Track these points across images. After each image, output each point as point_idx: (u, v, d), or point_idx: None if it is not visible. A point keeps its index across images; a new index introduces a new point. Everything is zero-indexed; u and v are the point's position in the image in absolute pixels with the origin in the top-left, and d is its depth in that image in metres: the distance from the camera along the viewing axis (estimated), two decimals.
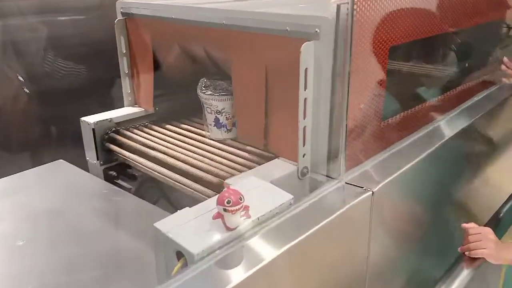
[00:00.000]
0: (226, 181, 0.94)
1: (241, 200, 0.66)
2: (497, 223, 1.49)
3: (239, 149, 1.15)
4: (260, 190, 0.78)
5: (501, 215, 1.46)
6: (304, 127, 0.97)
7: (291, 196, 0.76)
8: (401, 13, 0.94)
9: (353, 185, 0.86)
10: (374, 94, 0.97)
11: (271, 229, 0.71)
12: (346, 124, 0.87)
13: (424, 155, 1.03)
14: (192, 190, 1.05)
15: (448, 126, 1.18)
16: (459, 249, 1.20)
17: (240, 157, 1.11)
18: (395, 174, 0.92)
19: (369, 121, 0.98)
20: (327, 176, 0.92)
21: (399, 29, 0.96)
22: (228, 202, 0.65)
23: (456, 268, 1.20)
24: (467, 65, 1.47)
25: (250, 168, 1.05)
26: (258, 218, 0.71)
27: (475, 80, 1.43)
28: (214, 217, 0.68)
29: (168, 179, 1.12)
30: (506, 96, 1.42)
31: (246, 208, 0.69)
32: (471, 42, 1.53)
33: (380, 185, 0.86)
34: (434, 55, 1.30)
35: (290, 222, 0.73)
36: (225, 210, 0.65)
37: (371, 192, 0.83)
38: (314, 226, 0.71)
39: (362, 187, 0.84)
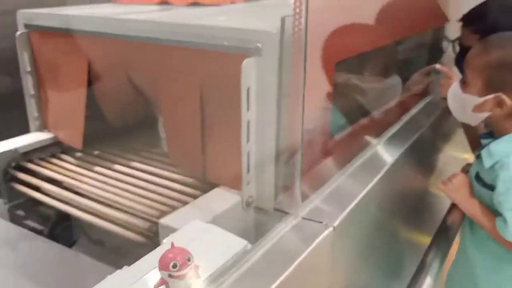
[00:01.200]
0: (161, 221, 0.81)
1: (189, 261, 0.53)
2: (446, 231, 1.49)
3: (171, 180, 1.02)
4: (208, 237, 0.65)
5: (448, 223, 1.47)
6: (248, 152, 0.86)
7: (245, 242, 0.65)
8: (347, 27, 0.87)
9: (311, 220, 0.77)
10: (323, 113, 0.89)
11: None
12: (302, 150, 0.78)
13: (380, 175, 0.97)
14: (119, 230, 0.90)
15: (396, 140, 1.14)
16: (439, 187, 1.23)
17: (172, 190, 0.97)
18: (354, 203, 0.84)
19: (319, 143, 0.90)
20: (278, 210, 0.82)
21: (346, 43, 0.90)
22: (174, 266, 0.51)
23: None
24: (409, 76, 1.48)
25: (186, 201, 0.92)
26: (210, 276, 0.58)
27: (417, 91, 1.43)
28: (157, 286, 0.54)
29: (85, 217, 0.95)
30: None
31: (196, 267, 0.55)
32: (414, 54, 1.53)
33: (340, 218, 0.77)
34: (377, 69, 1.27)
35: (247, 276, 0.61)
36: (170, 276, 0.52)
37: (332, 228, 0.74)
38: (276, 279, 0.60)
39: (322, 222, 0.75)
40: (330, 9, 0.86)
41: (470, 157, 1.35)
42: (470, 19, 1.40)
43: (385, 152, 1.09)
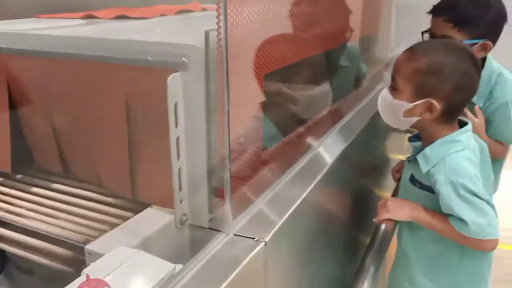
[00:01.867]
0: (87, 247, 0.76)
1: None
2: (381, 234, 1.51)
3: (101, 202, 0.97)
4: (132, 263, 0.62)
5: (381, 227, 1.50)
6: (180, 169, 0.84)
7: (173, 266, 0.62)
8: (275, 39, 0.87)
9: (243, 236, 0.75)
10: (253, 125, 0.88)
11: None
12: (230, 166, 0.76)
13: (314, 183, 0.97)
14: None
15: (329, 149, 1.15)
16: (374, 220, 1.25)
17: (102, 212, 0.93)
18: (287, 215, 0.83)
19: (251, 156, 0.89)
20: (210, 228, 0.79)
21: (274, 55, 0.90)
22: None
23: None
24: (338, 84, 1.50)
25: (117, 224, 0.88)
26: None
27: (347, 97, 1.46)
28: None
29: (7, 248, 0.89)
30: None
31: None
32: (339, 62, 1.56)
33: (272, 232, 0.76)
34: (306, 78, 1.28)
35: None
36: None
37: (263, 243, 0.73)
38: None
39: (254, 238, 0.74)
40: (257, 22, 0.85)
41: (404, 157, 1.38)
42: (441, 9, 1.45)
43: (319, 159, 1.09)
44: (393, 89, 1.21)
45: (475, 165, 1.17)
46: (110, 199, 0.97)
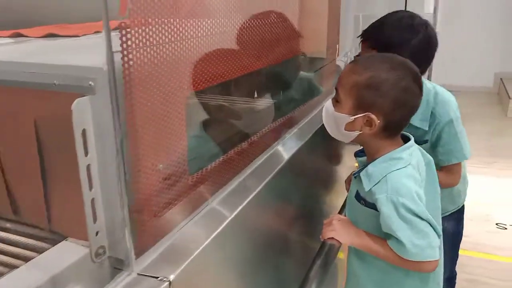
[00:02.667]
0: None
1: None
2: (326, 250, 1.48)
3: (13, 233, 0.90)
4: None
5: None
6: (93, 200, 0.78)
7: None
8: (203, 57, 0.83)
9: (147, 275, 0.70)
10: (174, 148, 0.84)
11: None
12: (127, 199, 0.71)
13: (244, 203, 0.92)
14: None
15: (269, 164, 1.11)
16: (320, 237, 1.22)
17: (13, 245, 0.87)
18: (200, 248, 0.78)
19: (172, 183, 0.84)
20: (116, 268, 0.74)
21: (198, 74, 0.86)
22: None
23: None
24: (283, 98, 1.47)
25: (30, 257, 0.82)
26: None
27: (294, 111, 1.42)
28: None
29: None
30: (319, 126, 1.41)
31: None
32: (284, 76, 1.53)
33: (181, 268, 0.71)
34: (248, 93, 1.24)
35: None
36: None
37: (168, 283, 0.68)
38: None
39: (158, 277, 0.69)
40: (174, 42, 0.81)
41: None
42: (368, 35, 1.45)
43: (256, 176, 1.05)
44: (336, 101, 1.19)
45: (418, 183, 1.16)
46: (27, 230, 0.91)
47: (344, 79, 1.17)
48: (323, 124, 1.24)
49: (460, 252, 3.24)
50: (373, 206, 1.16)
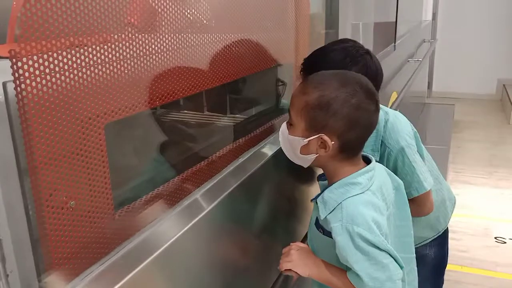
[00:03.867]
0: None
1: None
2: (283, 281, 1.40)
3: None
4: None
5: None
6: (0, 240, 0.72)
7: None
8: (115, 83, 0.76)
9: None
10: (91, 182, 0.77)
11: None
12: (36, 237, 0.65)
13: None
14: None
15: (212, 195, 1.03)
16: (282, 269, 1.14)
17: None
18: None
19: (89, 220, 0.77)
20: None
21: (116, 102, 0.79)
22: None
23: None
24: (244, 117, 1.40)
25: None
26: None
27: (253, 132, 1.36)
28: None
29: None
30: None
31: None
32: (244, 93, 1.46)
33: None
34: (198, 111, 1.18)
35: None
36: None
37: None
38: None
39: None
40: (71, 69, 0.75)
41: None
42: (307, 63, 1.38)
43: (203, 200, 0.97)
44: (290, 124, 1.13)
45: (380, 210, 1.08)
46: None
47: (295, 100, 1.11)
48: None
49: (457, 268, 3.15)
50: (331, 235, 1.08)
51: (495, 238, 3.41)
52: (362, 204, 1.04)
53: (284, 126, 1.14)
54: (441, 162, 4.64)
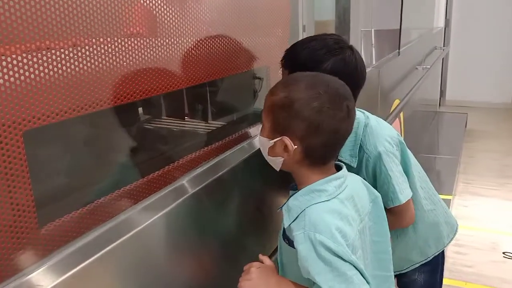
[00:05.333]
0: None
1: None
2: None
3: None
4: None
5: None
6: None
7: None
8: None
9: None
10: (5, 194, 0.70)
11: None
12: None
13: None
14: None
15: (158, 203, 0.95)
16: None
17: None
18: None
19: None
20: None
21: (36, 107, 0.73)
22: None
23: None
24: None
25: None
26: None
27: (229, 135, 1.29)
28: None
29: None
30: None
31: None
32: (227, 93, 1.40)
33: None
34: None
35: None
36: None
37: None
38: None
39: None
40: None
41: None
42: (285, 56, 1.32)
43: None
44: (262, 124, 1.09)
45: (347, 219, 1.00)
46: None
47: (265, 100, 1.08)
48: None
49: (461, 284, 3.00)
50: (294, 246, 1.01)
51: (503, 253, 3.25)
52: (326, 211, 0.98)
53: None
54: (451, 172, 4.50)
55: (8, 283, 0.69)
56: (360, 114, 1.35)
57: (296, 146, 1.01)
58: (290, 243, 1.05)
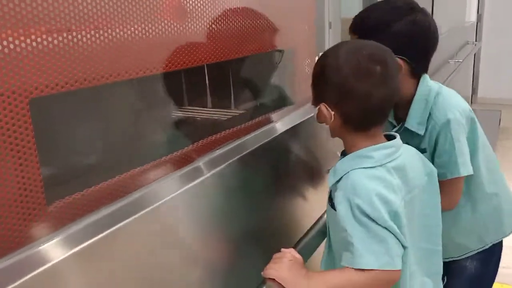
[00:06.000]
0: None
1: None
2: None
3: None
4: None
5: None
6: None
7: None
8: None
9: None
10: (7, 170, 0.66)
11: None
12: None
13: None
14: None
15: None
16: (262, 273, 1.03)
17: None
18: None
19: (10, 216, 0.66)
20: None
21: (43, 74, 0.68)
22: None
23: None
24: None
25: None
26: None
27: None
28: None
29: None
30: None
31: None
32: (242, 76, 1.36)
33: None
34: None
35: None
36: None
37: None
38: None
39: None
40: None
41: None
42: (352, 24, 1.30)
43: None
44: None
45: (391, 187, 1.00)
46: None
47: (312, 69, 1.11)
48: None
49: (496, 286, 2.86)
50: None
51: None
52: (368, 177, 1.00)
53: None
54: None
55: (16, 254, 0.66)
56: (434, 83, 1.33)
57: (333, 112, 1.03)
58: (333, 205, 1.05)
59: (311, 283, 0.99)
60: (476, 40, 6.24)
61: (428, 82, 1.32)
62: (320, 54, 1.11)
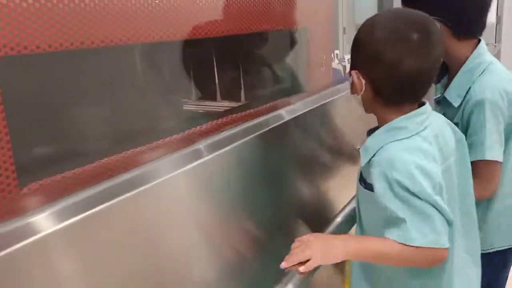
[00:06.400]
0: None
1: None
2: None
3: None
4: None
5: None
6: None
7: None
8: None
9: None
10: None
11: None
12: None
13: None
14: None
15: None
16: (280, 266, 0.94)
17: None
18: None
19: None
20: None
21: None
22: None
23: None
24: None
25: None
26: None
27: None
28: None
29: None
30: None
31: None
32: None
33: None
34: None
35: None
36: None
37: None
38: None
39: None
40: None
41: None
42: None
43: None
44: None
45: (431, 157, 0.93)
46: None
47: None
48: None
49: None
50: (372, 188, 0.97)
51: None
52: (405, 149, 0.94)
53: None
54: None
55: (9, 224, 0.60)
56: (488, 57, 1.25)
57: (364, 81, 0.99)
58: (367, 185, 1.00)
59: (346, 244, 0.94)
60: (495, 42, 6.09)
61: (481, 54, 1.24)
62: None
